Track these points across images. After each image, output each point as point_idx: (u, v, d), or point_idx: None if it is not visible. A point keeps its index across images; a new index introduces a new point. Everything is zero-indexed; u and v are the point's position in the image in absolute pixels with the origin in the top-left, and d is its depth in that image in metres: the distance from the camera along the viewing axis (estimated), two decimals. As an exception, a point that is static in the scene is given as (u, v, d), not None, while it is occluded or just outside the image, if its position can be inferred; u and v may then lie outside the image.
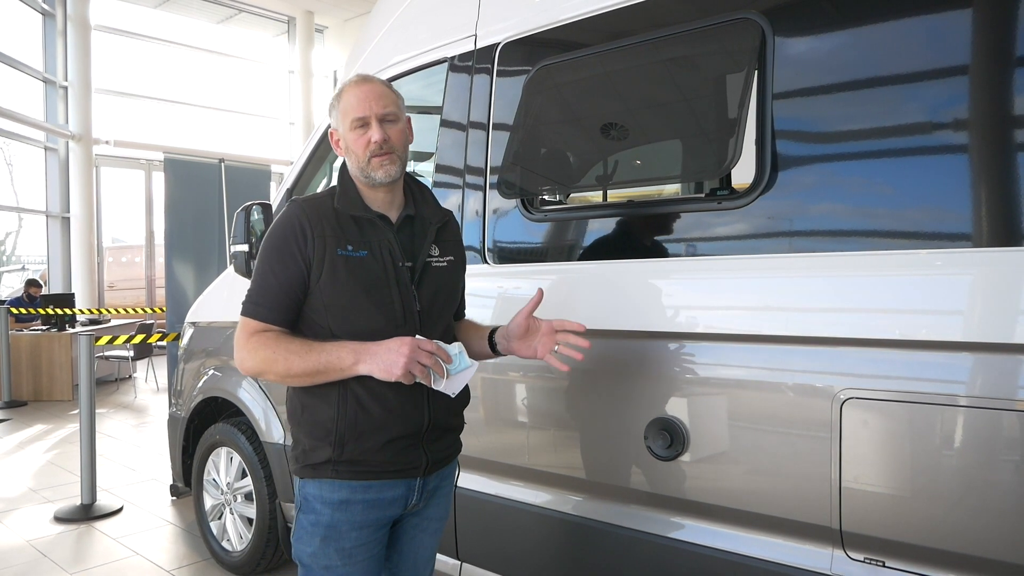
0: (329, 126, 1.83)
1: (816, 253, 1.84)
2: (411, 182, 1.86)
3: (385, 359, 1.59)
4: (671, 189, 3.35)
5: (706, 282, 2.04)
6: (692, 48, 2.12)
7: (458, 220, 2.29)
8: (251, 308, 1.70)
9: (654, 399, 2.08)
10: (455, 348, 1.68)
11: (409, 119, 1.81)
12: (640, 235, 2.21)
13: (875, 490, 1.74)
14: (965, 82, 1.70)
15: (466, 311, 2.08)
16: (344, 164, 1.80)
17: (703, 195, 2.29)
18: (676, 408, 2.04)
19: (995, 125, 1.67)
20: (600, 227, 2.32)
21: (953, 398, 1.63)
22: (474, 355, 1.86)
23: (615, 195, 2.80)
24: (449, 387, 1.68)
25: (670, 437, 2.02)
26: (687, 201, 2.29)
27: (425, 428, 1.73)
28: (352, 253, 1.67)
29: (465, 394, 1.86)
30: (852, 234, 1.80)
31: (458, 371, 1.68)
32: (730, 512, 1.96)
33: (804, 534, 1.83)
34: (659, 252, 2.15)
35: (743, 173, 2.06)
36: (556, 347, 1.81)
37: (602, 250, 2.27)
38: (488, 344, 1.92)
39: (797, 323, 1.85)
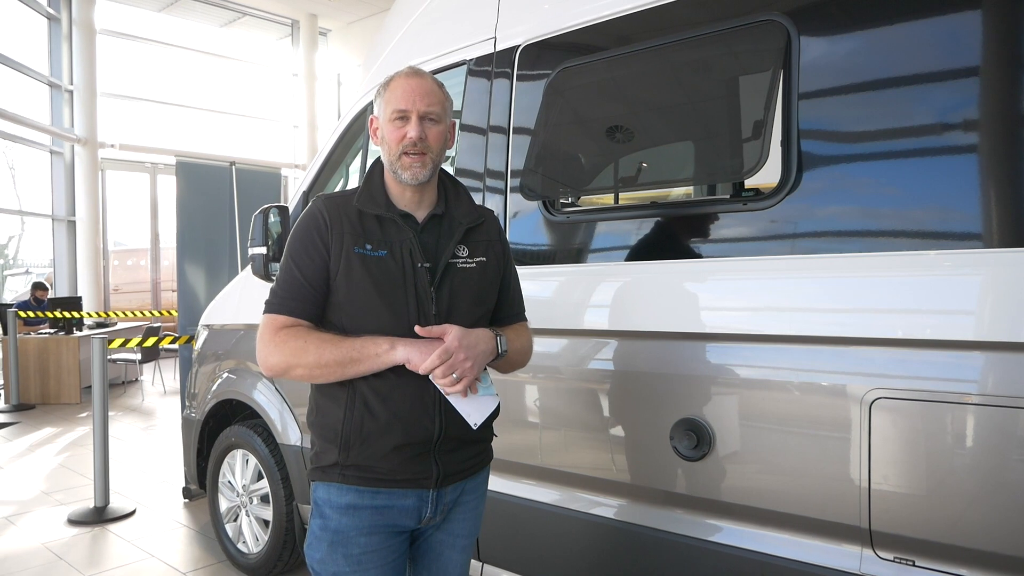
0: (370, 113, 1.79)
1: (842, 254, 1.84)
2: (446, 180, 1.82)
3: (428, 344, 1.59)
4: (692, 190, 3.36)
5: (731, 283, 2.05)
6: (716, 50, 2.13)
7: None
8: (277, 303, 1.67)
9: (680, 400, 2.09)
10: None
11: (454, 124, 1.78)
12: (664, 236, 2.21)
13: (904, 490, 1.75)
14: (997, 82, 1.70)
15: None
16: (378, 159, 1.78)
17: (728, 196, 2.29)
18: (702, 409, 2.05)
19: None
20: (624, 228, 2.32)
21: (982, 398, 1.64)
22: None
23: (638, 196, 2.81)
24: (471, 411, 1.66)
25: (696, 438, 2.03)
26: (712, 203, 2.30)
27: (436, 438, 1.67)
28: (371, 252, 1.65)
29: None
30: (880, 234, 1.80)
31: (483, 395, 1.67)
32: (757, 512, 1.96)
33: (832, 534, 1.84)
34: (684, 253, 2.16)
35: (764, 174, 2.07)
36: None
37: (626, 251, 2.28)
38: None
39: (824, 324, 1.86)
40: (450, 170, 2.79)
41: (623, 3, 2.27)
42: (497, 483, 2.54)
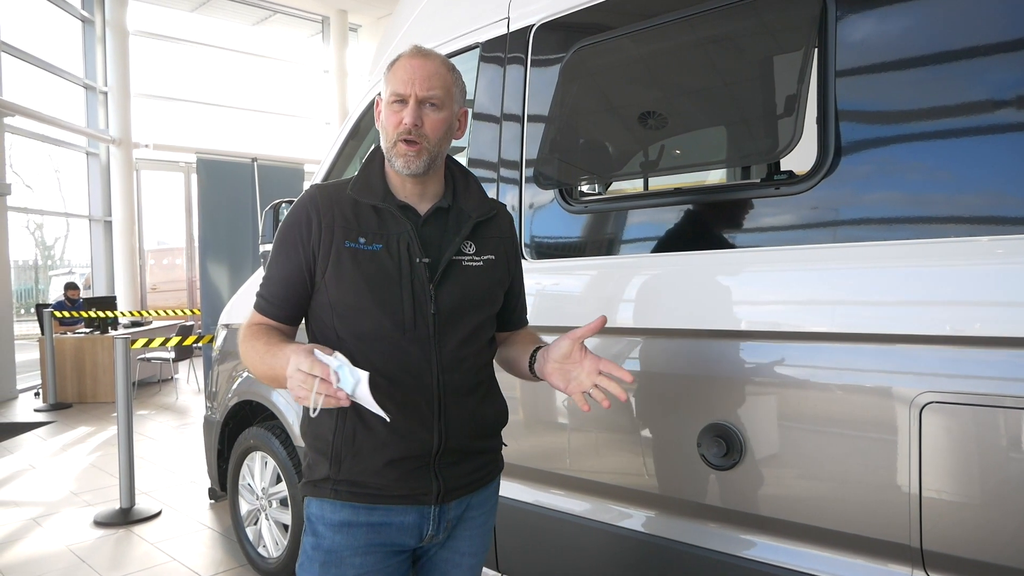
0: (378, 96, 1.63)
1: (886, 242, 1.66)
2: (455, 170, 1.67)
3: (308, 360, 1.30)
4: (722, 176, 3.17)
5: (764, 275, 1.87)
6: (746, 22, 1.95)
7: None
8: (256, 300, 1.58)
9: (708, 403, 1.92)
10: (334, 362, 1.30)
11: (465, 112, 1.62)
12: (690, 226, 2.04)
13: (960, 505, 1.56)
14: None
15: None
16: (378, 145, 1.63)
17: (759, 180, 2.11)
18: (733, 413, 1.88)
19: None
20: (646, 218, 2.16)
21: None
22: (518, 371, 1.70)
23: (662, 184, 2.64)
24: (371, 403, 1.33)
25: (726, 444, 1.86)
26: (741, 188, 2.12)
27: (436, 451, 1.53)
28: (363, 246, 1.51)
29: (502, 413, 1.68)
30: (927, 220, 1.62)
31: (354, 388, 1.31)
32: (793, 527, 1.79)
33: (878, 552, 1.66)
34: (711, 243, 1.98)
35: (800, 157, 1.89)
36: (592, 388, 1.51)
37: (649, 242, 2.11)
38: (528, 363, 1.65)
39: (867, 319, 1.67)
40: (462, 161, 2.66)
41: (642, -26, 2.10)
42: (517, 491, 2.40)
